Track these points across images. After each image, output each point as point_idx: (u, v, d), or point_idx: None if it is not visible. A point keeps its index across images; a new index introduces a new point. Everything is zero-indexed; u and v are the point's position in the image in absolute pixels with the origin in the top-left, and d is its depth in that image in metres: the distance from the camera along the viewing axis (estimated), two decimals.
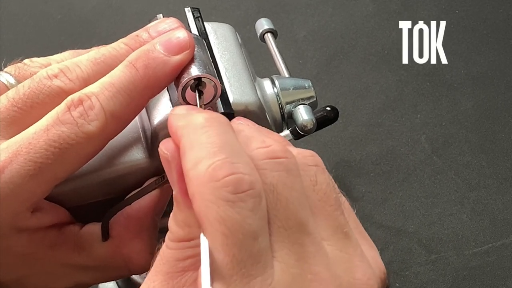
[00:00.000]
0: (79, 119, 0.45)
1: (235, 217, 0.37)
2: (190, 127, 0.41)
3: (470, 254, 0.88)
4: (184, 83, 0.46)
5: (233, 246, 0.37)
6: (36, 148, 0.45)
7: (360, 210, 0.90)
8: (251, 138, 0.42)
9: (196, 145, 0.39)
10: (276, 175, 0.40)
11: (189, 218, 0.40)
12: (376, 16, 1.09)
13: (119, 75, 0.47)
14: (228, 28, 0.54)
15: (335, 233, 0.41)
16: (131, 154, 0.51)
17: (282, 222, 0.39)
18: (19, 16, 1.07)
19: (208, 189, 0.37)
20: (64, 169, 0.47)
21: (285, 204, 0.39)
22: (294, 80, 0.55)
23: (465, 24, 1.08)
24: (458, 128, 0.98)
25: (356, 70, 1.03)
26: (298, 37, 1.07)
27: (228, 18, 1.08)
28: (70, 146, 0.46)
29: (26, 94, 0.47)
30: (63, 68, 0.48)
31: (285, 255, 0.38)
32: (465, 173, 0.94)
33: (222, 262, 0.37)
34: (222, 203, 0.37)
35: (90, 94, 0.46)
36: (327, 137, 0.97)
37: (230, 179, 0.37)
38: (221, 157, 0.38)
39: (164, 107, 0.49)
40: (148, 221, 0.51)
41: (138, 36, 0.50)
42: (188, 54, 0.47)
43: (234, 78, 0.50)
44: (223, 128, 0.41)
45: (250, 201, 0.37)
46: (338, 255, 0.40)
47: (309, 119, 0.53)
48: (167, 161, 0.41)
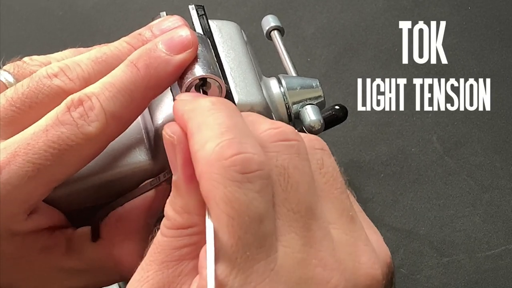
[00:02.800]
0: (79, 120, 0.45)
1: (242, 198, 0.37)
2: (197, 110, 0.41)
3: (483, 257, 0.88)
4: (188, 84, 0.46)
5: (238, 228, 0.37)
6: (35, 149, 0.45)
7: (370, 212, 0.90)
8: (259, 121, 0.42)
9: (203, 126, 0.39)
10: (287, 158, 0.40)
11: (189, 204, 0.40)
12: (386, 12, 1.09)
13: (120, 75, 0.46)
14: (233, 26, 0.54)
15: (341, 216, 0.41)
16: (134, 156, 0.51)
17: (292, 205, 0.39)
18: (19, 13, 1.07)
19: (216, 168, 0.37)
20: (63, 170, 0.47)
21: (296, 187, 0.39)
22: (302, 79, 0.55)
23: (478, 21, 1.07)
24: (471, 127, 0.97)
25: (366, 68, 1.03)
26: (306, 34, 1.07)
27: (234, 15, 1.08)
28: (69, 148, 0.45)
29: (25, 93, 0.47)
30: (63, 67, 0.48)
31: (291, 239, 0.39)
32: (477, 174, 0.94)
33: (226, 244, 0.37)
34: (230, 183, 0.37)
35: (90, 94, 0.46)
36: (336, 137, 0.97)
37: (238, 158, 0.38)
38: (229, 137, 0.38)
39: (168, 108, 0.49)
40: (140, 223, 0.51)
41: (141, 35, 0.50)
42: (191, 53, 0.47)
43: (239, 78, 0.50)
44: (230, 111, 0.41)
45: (257, 183, 0.38)
46: (344, 239, 0.41)
47: (317, 120, 0.53)
48: (172, 144, 0.41)
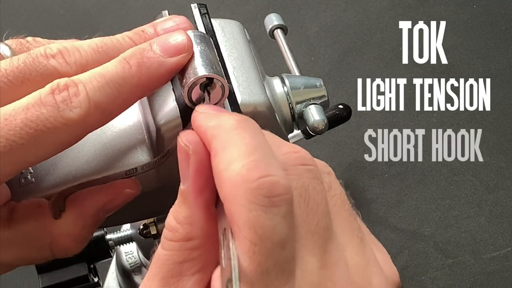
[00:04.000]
0: (61, 104, 0.45)
1: (267, 224, 0.37)
2: (222, 128, 0.40)
3: (488, 258, 0.88)
4: (190, 83, 0.46)
5: (260, 254, 0.37)
6: (11, 125, 0.45)
7: (374, 213, 0.90)
8: (277, 143, 0.42)
9: (229, 146, 0.39)
10: (307, 181, 0.40)
11: (193, 215, 0.40)
12: (391, 10, 1.09)
13: (111, 68, 0.46)
14: (236, 25, 0.54)
15: (351, 238, 0.41)
16: (135, 156, 0.51)
17: (311, 227, 0.39)
18: (20, 11, 1.07)
19: (241, 190, 0.37)
20: (36, 152, 0.46)
21: (315, 209, 0.39)
22: (305, 78, 0.55)
23: (483, 20, 1.07)
24: (476, 127, 0.97)
25: (370, 68, 1.03)
26: (309, 33, 1.07)
27: (236, 13, 1.08)
28: (46, 130, 0.45)
29: (19, 68, 0.47)
30: (62, 50, 0.48)
31: (308, 262, 0.38)
32: (483, 174, 0.94)
33: (246, 269, 0.37)
34: (255, 206, 0.37)
35: (78, 81, 0.46)
36: (340, 137, 0.97)
37: (265, 180, 0.37)
38: (255, 158, 0.38)
39: (170, 108, 0.49)
40: (91, 211, 0.50)
41: (144, 32, 0.50)
42: (184, 57, 0.47)
43: (242, 78, 0.50)
44: (255, 130, 0.40)
45: (283, 207, 0.37)
46: (356, 260, 0.40)
47: (321, 120, 0.53)
48: (186, 153, 0.41)
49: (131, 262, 0.75)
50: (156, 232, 0.58)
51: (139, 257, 0.74)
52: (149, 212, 0.56)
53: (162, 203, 0.53)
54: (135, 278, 0.74)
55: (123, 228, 0.70)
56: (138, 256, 0.74)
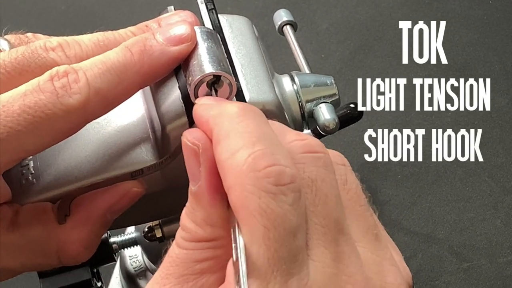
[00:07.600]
0: (60, 90, 0.45)
1: (277, 210, 0.37)
2: (224, 116, 0.40)
3: (504, 262, 0.88)
4: (197, 81, 0.46)
5: (274, 241, 0.37)
6: (8, 112, 0.45)
7: (387, 215, 0.90)
8: (284, 131, 0.42)
9: (232, 134, 0.39)
10: (314, 170, 0.40)
11: (212, 216, 0.40)
12: (404, 6, 1.09)
13: (112, 56, 0.46)
14: (244, 21, 0.54)
15: (366, 234, 0.41)
16: (141, 155, 0.51)
17: (319, 219, 0.39)
18: (21, 7, 1.07)
19: (249, 179, 0.37)
20: (34, 141, 0.46)
21: (324, 200, 0.39)
22: (315, 76, 0.55)
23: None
24: (492, 127, 0.97)
25: (382, 65, 1.03)
26: (320, 29, 1.07)
27: (245, 9, 1.08)
28: (45, 116, 0.45)
29: (18, 59, 0.47)
30: (62, 43, 0.48)
31: (320, 254, 0.38)
32: (499, 175, 0.94)
33: (261, 257, 0.37)
34: (264, 194, 0.37)
35: (77, 68, 0.46)
36: (351, 137, 0.97)
37: (272, 170, 0.37)
38: (261, 147, 0.38)
39: (176, 106, 0.49)
40: (97, 215, 0.50)
41: (148, 27, 0.50)
42: (188, 46, 0.47)
43: (250, 75, 0.50)
44: (259, 118, 0.40)
45: (290, 195, 0.37)
46: (370, 257, 0.40)
47: (331, 119, 0.53)
48: (195, 153, 0.40)
49: (136, 266, 0.75)
50: (162, 235, 0.58)
51: (144, 261, 0.74)
52: (154, 214, 0.56)
53: (168, 205, 0.53)
54: (139, 282, 0.74)
55: (127, 231, 0.70)
56: (142, 260, 0.74)
